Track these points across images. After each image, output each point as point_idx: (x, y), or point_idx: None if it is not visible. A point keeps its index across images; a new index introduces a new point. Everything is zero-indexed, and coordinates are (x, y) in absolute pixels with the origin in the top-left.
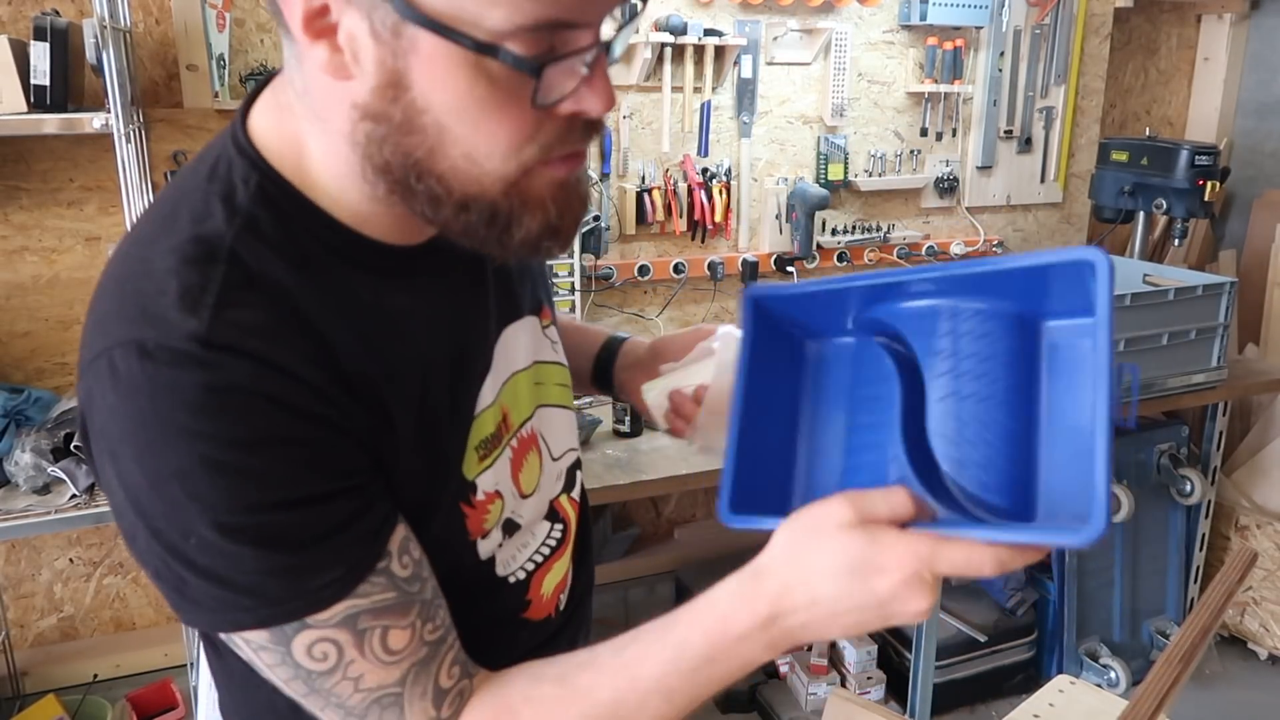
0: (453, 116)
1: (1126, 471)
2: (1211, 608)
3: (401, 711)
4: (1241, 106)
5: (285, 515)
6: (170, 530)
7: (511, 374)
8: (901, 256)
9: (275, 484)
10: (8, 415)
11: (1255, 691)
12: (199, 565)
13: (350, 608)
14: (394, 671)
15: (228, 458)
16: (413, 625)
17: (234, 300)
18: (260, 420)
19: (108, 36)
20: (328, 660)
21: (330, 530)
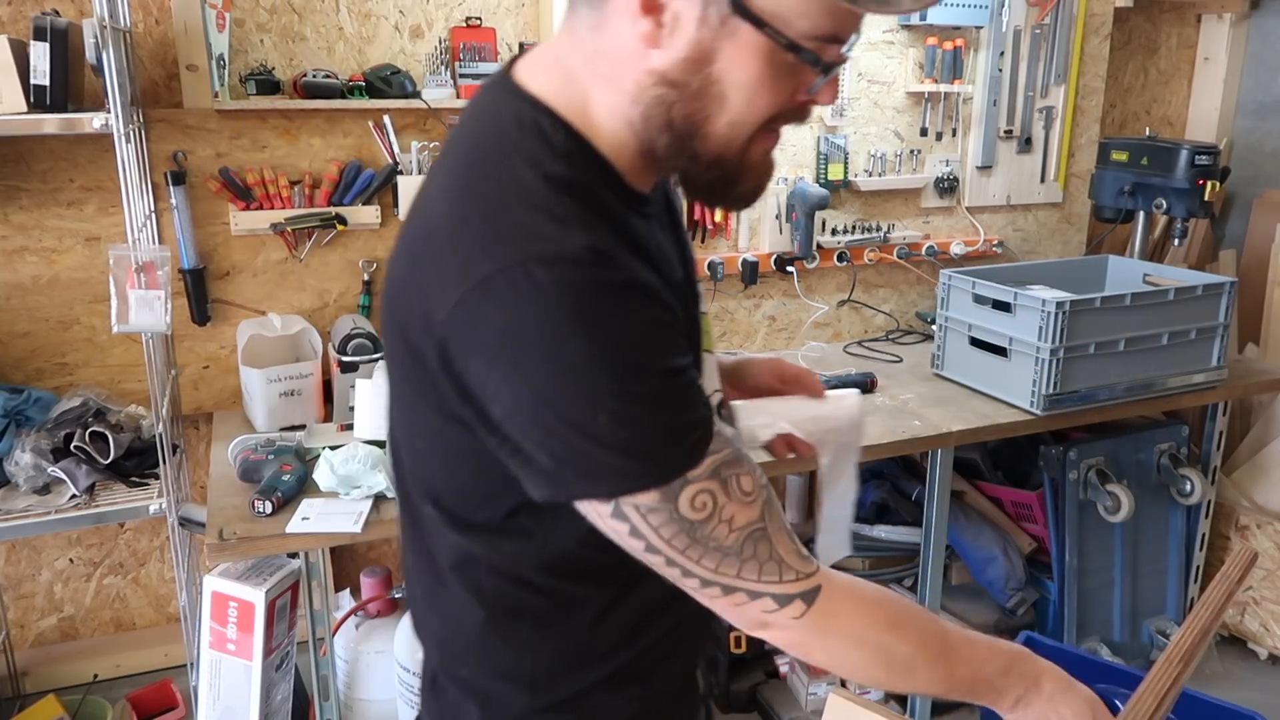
0: (736, 90)
1: (1126, 471)
2: (1211, 608)
3: (770, 543)
4: (1241, 106)
5: (669, 382)
6: (580, 411)
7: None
8: (901, 256)
9: (661, 355)
10: (8, 415)
11: (1255, 691)
12: (605, 439)
13: (714, 461)
14: (755, 509)
15: (627, 338)
16: (751, 471)
17: (592, 224)
18: (644, 307)
19: (108, 36)
20: (707, 509)
21: (694, 394)
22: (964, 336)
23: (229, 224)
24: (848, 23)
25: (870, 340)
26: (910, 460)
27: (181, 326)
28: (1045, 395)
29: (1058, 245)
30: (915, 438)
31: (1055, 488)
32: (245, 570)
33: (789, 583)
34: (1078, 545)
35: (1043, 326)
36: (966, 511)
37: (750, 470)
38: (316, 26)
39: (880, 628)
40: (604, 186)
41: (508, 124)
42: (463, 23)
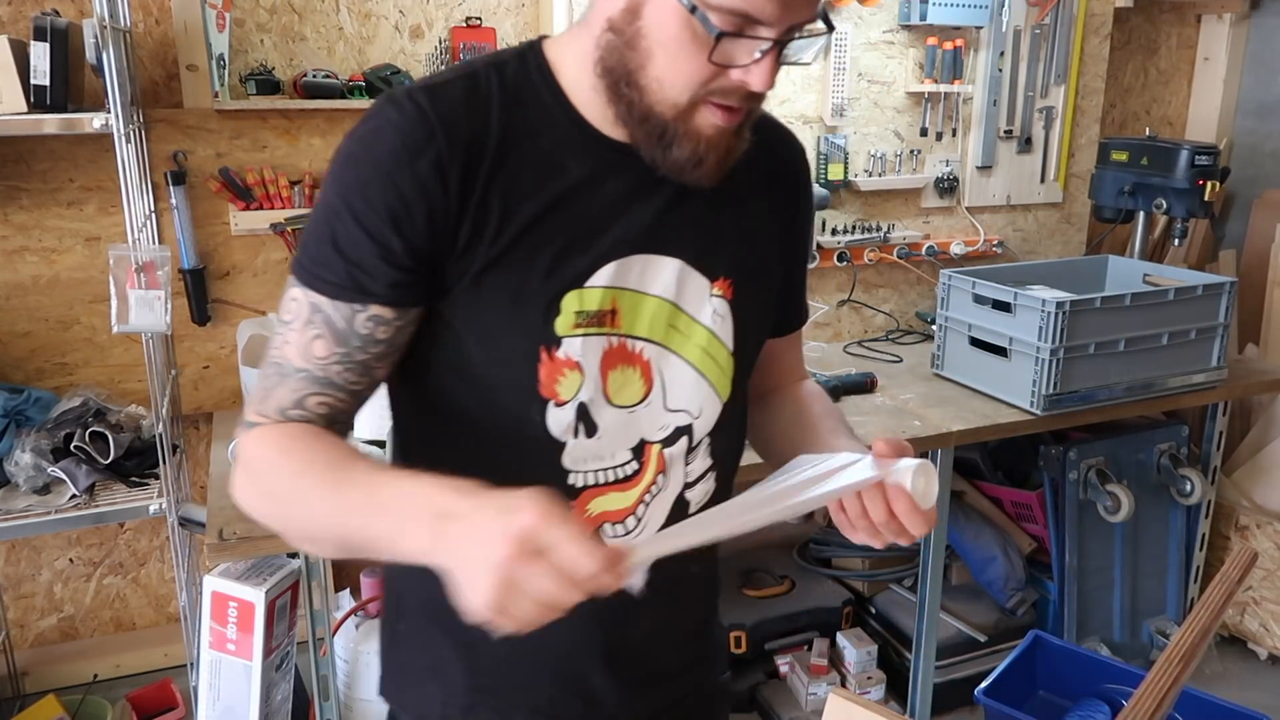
0: (660, 48)
1: (1126, 471)
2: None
3: (278, 385)
4: (1241, 106)
5: (351, 225)
6: (322, 190)
7: (638, 288)
8: (901, 256)
9: (365, 203)
10: (8, 415)
11: (1255, 691)
12: (313, 216)
13: (321, 304)
14: (299, 362)
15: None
16: (334, 353)
17: (454, 86)
18: (394, 159)
19: (108, 36)
20: (288, 314)
21: (359, 258)
22: (964, 336)
23: (229, 224)
24: (763, 7)
25: (870, 340)
26: None
27: (181, 326)
28: (1045, 395)
29: (1058, 245)
30: (915, 438)
31: (1055, 488)
32: (245, 570)
33: (254, 414)
34: (1078, 545)
35: (1043, 326)
36: (966, 511)
37: (334, 352)
38: (316, 26)
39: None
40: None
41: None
42: (463, 23)
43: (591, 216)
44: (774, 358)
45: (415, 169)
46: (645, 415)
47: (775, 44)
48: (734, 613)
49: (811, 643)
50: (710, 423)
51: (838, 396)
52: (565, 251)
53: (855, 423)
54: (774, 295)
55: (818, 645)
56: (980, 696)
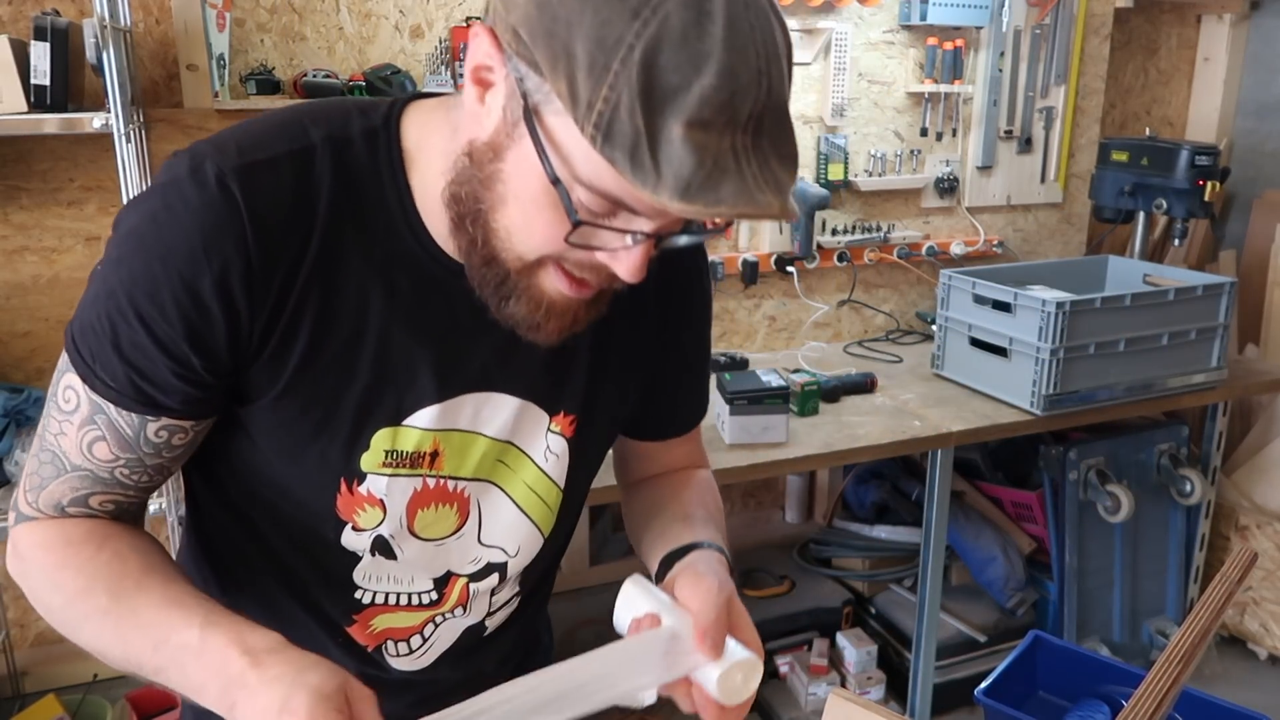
0: (514, 201)
1: (1126, 471)
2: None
3: (55, 478)
4: (1241, 106)
5: (138, 331)
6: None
7: (470, 429)
8: (901, 256)
9: (161, 311)
10: (8, 415)
11: (1255, 691)
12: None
13: (104, 405)
14: (78, 459)
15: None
16: (118, 458)
17: (278, 169)
18: (197, 261)
19: (108, 36)
20: (69, 405)
21: (144, 367)
22: (964, 336)
23: None
24: (640, 202)
25: (870, 340)
26: (910, 460)
27: None
28: (1045, 395)
29: (1058, 245)
30: (915, 438)
31: (1055, 488)
32: None
33: (28, 506)
34: (1078, 545)
35: (1043, 327)
36: (966, 511)
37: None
38: (317, 26)
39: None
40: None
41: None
42: (463, 23)
43: (419, 347)
44: (663, 452)
45: (218, 276)
46: (456, 548)
47: (649, 237)
48: None
49: (811, 643)
50: (527, 559)
51: (838, 396)
52: (383, 384)
53: (855, 423)
54: (623, 423)
55: (818, 645)
56: (980, 696)
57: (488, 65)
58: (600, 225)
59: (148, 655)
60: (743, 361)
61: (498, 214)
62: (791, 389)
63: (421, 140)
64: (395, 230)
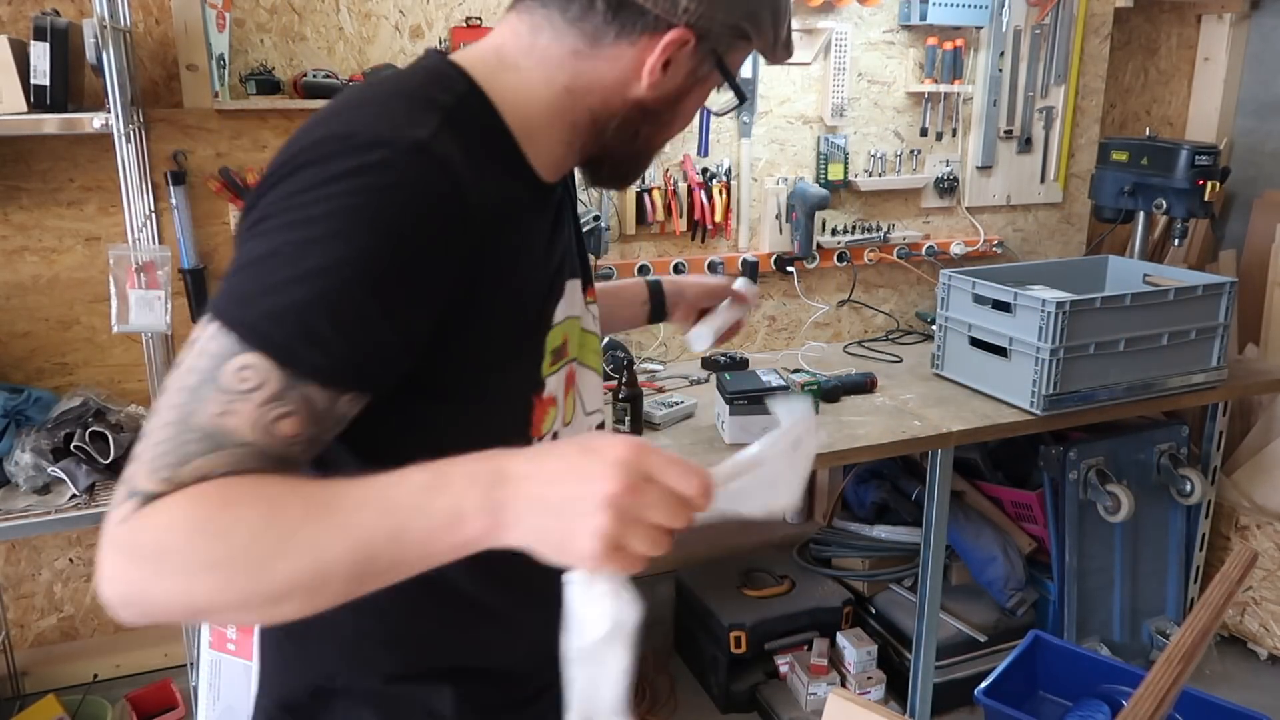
0: (686, 115)
1: (1126, 471)
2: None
3: (205, 455)
4: (1241, 106)
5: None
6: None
7: (569, 315)
8: (901, 256)
9: (402, 282)
10: (8, 415)
11: (1255, 692)
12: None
13: (302, 385)
14: (249, 436)
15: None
16: (299, 435)
17: (447, 139)
18: (433, 225)
19: (108, 36)
20: (244, 385)
21: (381, 344)
22: (964, 336)
23: (229, 224)
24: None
25: (870, 340)
26: (910, 460)
27: (182, 326)
28: (1045, 395)
29: (1058, 245)
30: (915, 438)
31: (1055, 488)
32: None
33: (158, 481)
34: (1078, 545)
35: (1043, 326)
36: (966, 511)
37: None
38: (316, 26)
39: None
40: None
41: (416, 69)
42: (463, 23)
43: (543, 259)
44: None
45: (449, 246)
46: (578, 426)
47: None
48: (734, 613)
49: (811, 643)
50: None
51: (838, 396)
52: (536, 296)
53: (855, 422)
54: None
55: (818, 645)
56: (980, 696)
57: (686, 42)
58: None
59: (376, 529)
60: (743, 361)
61: (666, 133)
62: (791, 389)
63: (508, 94)
64: (519, 175)
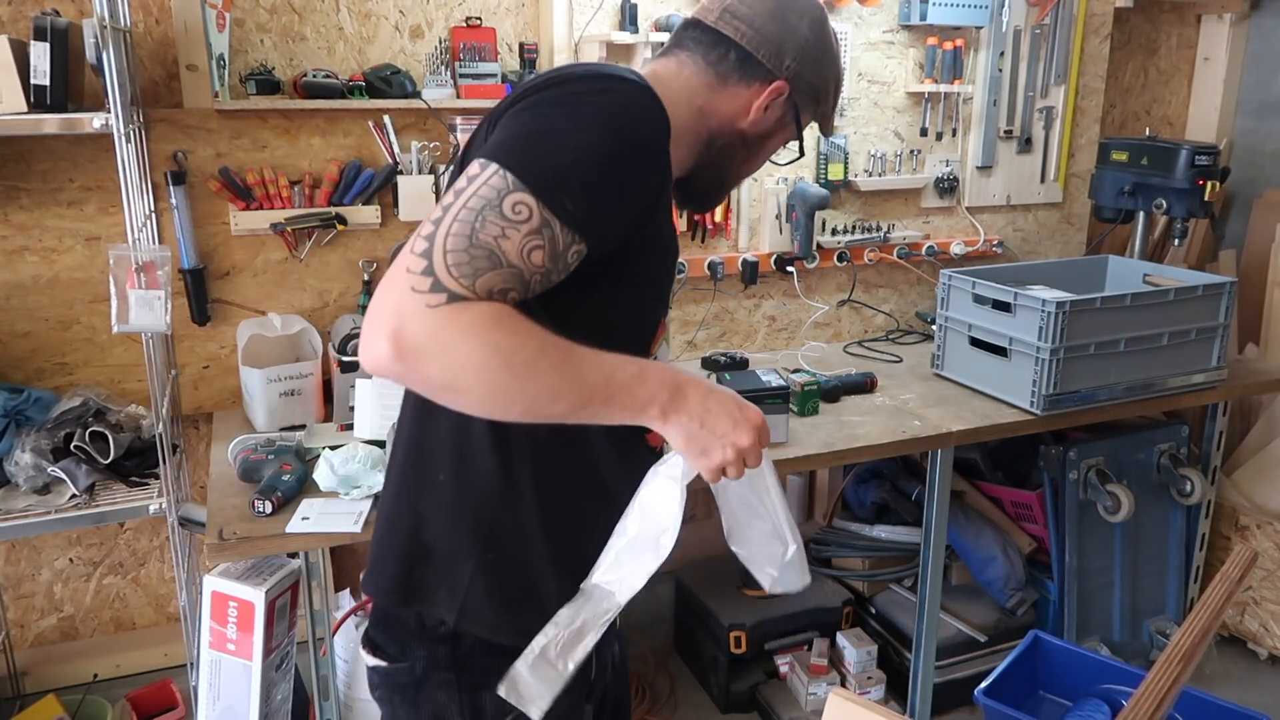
0: (767, 154)
1: (1126, 471)
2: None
3: (490, 269)
4: (1241, 106)
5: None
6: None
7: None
8: (901, 256)
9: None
10: (8, 415)
11: (1255, 692)
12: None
13: (554, 223)
14: (516, 259)
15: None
16: (545, 267)
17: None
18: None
19: (108, 36)
20: (518, 217)
21: (612, 206)
22: (964, 336)
23: (229, 224)
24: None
25: (870, 340)
26: (910, 460)
27: (181, 326)
28: (1045, 395)
29: (1058, 245)
30: (915, 438)
31: (1055, 488)
32: (245, 570)
33: (456, 283)
34: (1078, 545)
35: (1043, 326)
36: (966, 511)
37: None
38: (316, 26)
39: (501, 331)
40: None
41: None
42: (463, 23)
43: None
44: None
45: (661, 161)
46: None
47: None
48: (734, 613)
49: (811, 643)
50: None
51: (838, 396)
52: (672, 243)
53: (855, 422)
54: None
55: (818, 645)
56: (980, 696)
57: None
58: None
59: (603, 387)
60: (743, 361)
61: (749, 165)
62: (791, 389)
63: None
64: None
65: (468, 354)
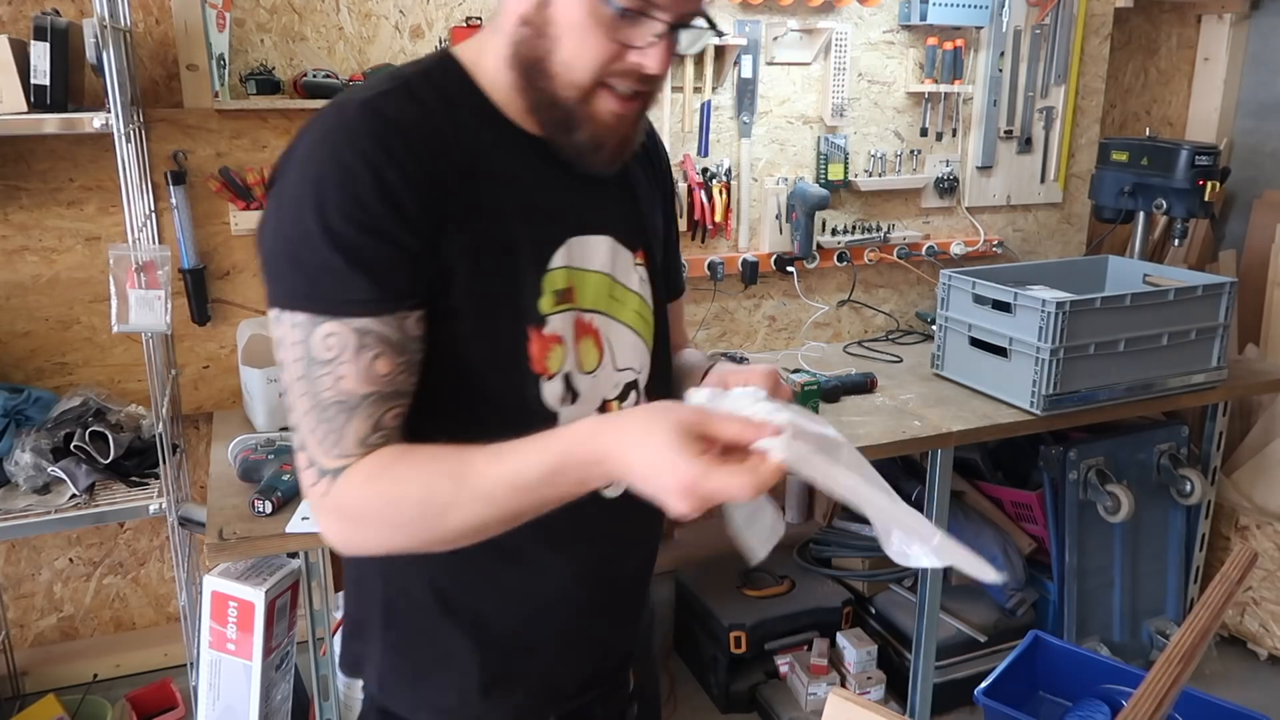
0: (566, 32)
1: (1126, 471)
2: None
3: (349, 419)
4: (1241, 106)
5: (358, 235)
6: (290, 215)
7: (581, 266)
8: (901, 256)
9: (363, 208)
10: (8, 415)
11: (1255, 691)
12: (293, 247)
13: (367, 324)
14: (365, 387)
15: (343, 176)
16: (397, 365)
17: (397, 96)
18: (373, 160)
19: (108, 36)
20: (332, 351)
21: (380, 264)
22: (964, 336)
23: (229, 224)
24: None
25: (870, 340)
26: (910, 460)
27: (181, 326)
28: (1045, 395)
29: (1058, 245)
30: (915, 438)
31: (1055, 488)
32: (245, 570)
33: (333, 459)
34: (1078, 545)
35: (1043, 327)
36: (966, 511)
37: (397, 363)
38: (317, 26)
39: (384, 489)
40: (469, 104)
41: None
42: (463, 23)
43: (538, 207)
44: (672, 323)
45: (397, 164)
46: (603, 378)
47: (670, 28)
48: (734, 613)
49: (811, 643)
50: (648, 372)
51: (838, 396)
52: (529, 240)
53: (855, 422)
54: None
55: (818, 645)
56: (980, 697)
57: None
58: (635, 15)
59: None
60: (743, 361)
61: (554, 54)
62: (792, 389)
63: (477, 55)
64: (487, 120)
65: (369, 529)
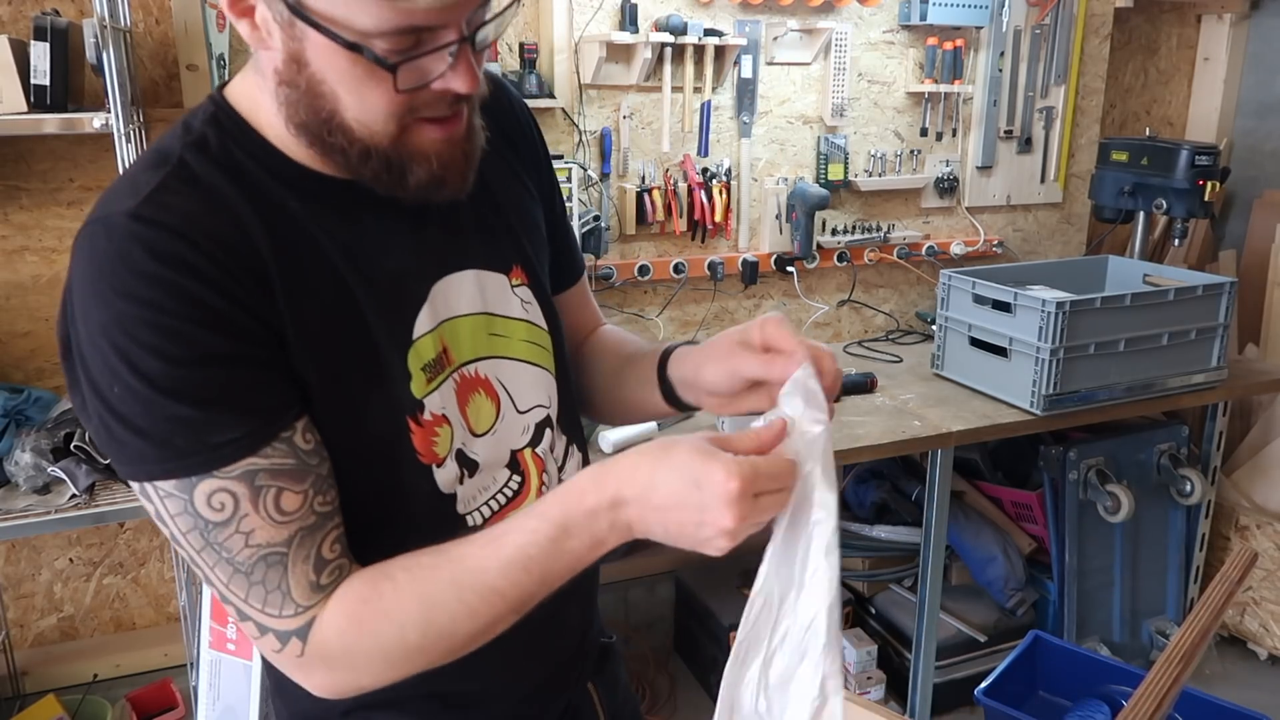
0: (341, 88)
1: (1126, 471)
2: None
3: (285, 571)
4: (1241, 106)
5: (190, 371)
6: (101, 380)
7: (451, 316)
8: (901, 256)
9: (182, 340)
10: (8, 415)
11: (1255, 691)
12: (120, 413)
13: (250, 465)
14: (283, 531)
15: (142, 313)
16: (305, 493)
17: (171, 189)
18: (170, 282)
19: (108, 36)
20: (224, 510)
21: (232, 392)
22: (964, 336)
23: None
24: (429, 14)
25: (870, 340)
26: (910, 460)
27: None
28: (1045, 395)
29: (1058, 245)
30: (915, 438)
31: (1055, 488)
32: None
33: (288, 618)
34: (1078, 545)
35: (1043, 327)
36: (966, 511)
37: (305, 491)
38: None
39: (378, 626)
40: (257, 164)
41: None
42: None
43: (380, 267)
44: (566, 314)
45: (196, 274)
46: (506, 428)
47: (462, 41)
48: (734, 613)
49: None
50: (558, 405)
51: (837, 396)
52: (379, 313)
53: (855, 422)
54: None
55: None
56: (980, 696)
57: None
58: (412, 57)
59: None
60: None
61: (340, 111)
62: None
63: (252, 104)
64: (287, 182)
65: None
